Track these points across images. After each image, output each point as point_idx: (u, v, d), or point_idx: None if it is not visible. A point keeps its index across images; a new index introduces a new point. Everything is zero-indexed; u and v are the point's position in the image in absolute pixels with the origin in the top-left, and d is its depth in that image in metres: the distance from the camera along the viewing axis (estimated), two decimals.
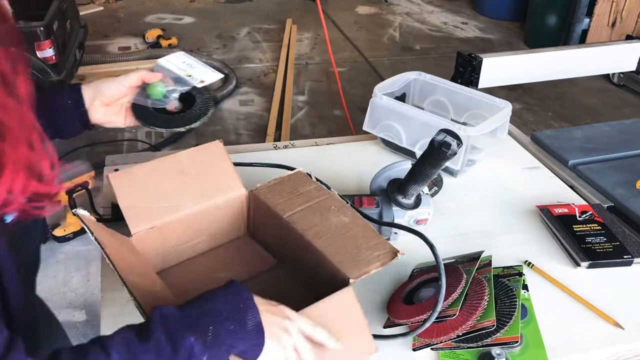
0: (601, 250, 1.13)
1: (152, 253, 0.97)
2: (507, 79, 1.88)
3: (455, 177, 1.40)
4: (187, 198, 0.98)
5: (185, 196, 0.98)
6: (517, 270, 1.04)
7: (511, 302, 0.96)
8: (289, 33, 4.85)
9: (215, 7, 5.57)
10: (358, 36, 4.99)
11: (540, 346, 0.93)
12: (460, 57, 1.79)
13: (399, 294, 1.00)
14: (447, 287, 0.94)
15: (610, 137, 1.67)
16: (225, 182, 1.02)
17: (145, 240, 0.95)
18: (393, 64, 4.47)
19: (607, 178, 1.45)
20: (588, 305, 1.03)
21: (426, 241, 0.97)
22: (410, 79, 1.58)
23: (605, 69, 2.15)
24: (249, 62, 4.41)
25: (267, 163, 1.27)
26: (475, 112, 1.50)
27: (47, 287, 2.28)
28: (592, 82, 4.15)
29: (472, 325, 0.90)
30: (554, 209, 1.24)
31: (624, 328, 0.98)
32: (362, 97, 3.65)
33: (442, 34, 5.10)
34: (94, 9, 5.31)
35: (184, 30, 4.96)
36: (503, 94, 2.68)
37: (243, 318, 0.69)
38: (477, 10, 5.61)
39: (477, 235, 1.20)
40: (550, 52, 1.89)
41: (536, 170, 1.46)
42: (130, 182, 0.96)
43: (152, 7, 5.48)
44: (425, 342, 0.91)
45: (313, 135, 3.47)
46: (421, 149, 1.39)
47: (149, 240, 0.95)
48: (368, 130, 1.49)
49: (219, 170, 1.02)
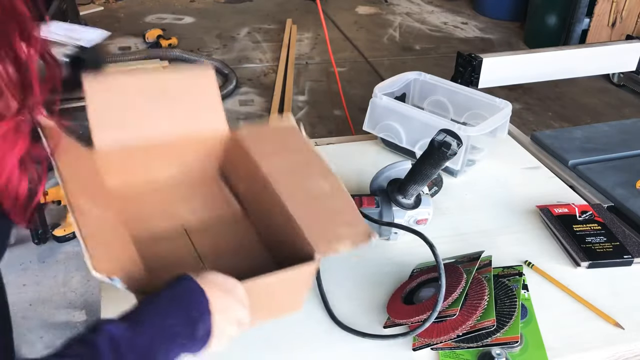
0: (601, 250, 1.13)
1: (115, 178, 0.87)
2: (507, 79, 1.88)
3: (455, 177, 1.40)
4: (163, 121, 0.89)
5: (161, 118, 0.89)
6: (517, 270, 1.04)
7: (511, 302, 0.96)
8: (289, 33, 4.85)
9: (215, 7, 5.57)
10: (358, 36, 4.99)
11: (540, 346, 0.93)
12: (460, 57, 1.79)
13: (399, 294, 1.00)
14: (447, 287, 0.94)
15: (610, 137, 1.67)
16: (208, 114, 0.93)
17: (110, 159, 0.84)
18: (393, 64, 4.47)
19: (607, 178, 1.45)
20: (588, 305, 1.03)
21: (426, 241, 0.97)
22: (410, 79, 1.58)
23: (605, 69, 2.15)
24: (249, 62, 4.41)
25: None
26: (475, 112, 1.50)
27: (47, 287, 2.28)
28: (592, 82, 4.14)
29: (472, 325, 0.90)
30: (554, 208, 1.24)
31: (624, 328, 0.98)
32: (362, 97, 3.65)
33: (442, 34, 5.10)
34: (94, 9, 5.31)
35: (184, 30, 4.95)
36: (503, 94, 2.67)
37: (194, 330, 0.65)
38: (477, 10, 5.61)
39: (477, 235, 1.20)
40: (550, 52, 1.89)
41: (536, 170, 1.46)
42: (106, 89, 0.86)
43: (152, 7, 5.48)
44: (425, 342, 0.91)
45: (313, 135, 3.47)
46: (421, 149, 1.39)
47: (114, 160, 0.85)
48: (368, 130, 1.49)
49: (204, 99, 0.93)
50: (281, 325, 0.96)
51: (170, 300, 0.65)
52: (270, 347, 0.93)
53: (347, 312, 1.00)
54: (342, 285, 1.06)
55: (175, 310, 0.65)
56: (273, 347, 0.93)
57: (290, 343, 0.94)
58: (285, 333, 0.95)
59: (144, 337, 0.62)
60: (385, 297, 1.02)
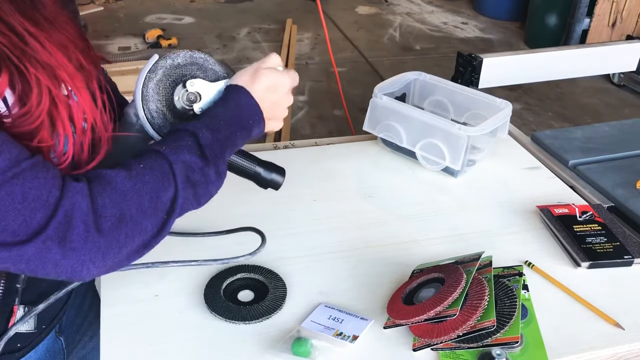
0: (601, 250, 1.13)
1: None
2: (507, 79, 1.88)
3: (455, 177, 1.40)
4: None
5: None
6: (517, 271, 1.04)
7: (511, 302, 0.96)
8: (289, 33, 4.85)
9: (215, 7, 5.57)
10: (358, 36, 4.99)
11: (541, 346, 0.93)
12: (461, 57, 1.79)
13: (399, 294, 1.00)
14: (447, 287, 0.94)
15: (611, 137, 1.67)
16: None
17: None
18: (393, 64, 4.47)
19: (607, 178, 1.45)
20: (588, 305, 1.02)
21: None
22: (411, 79, 1.58)
23: (606, 69, 2.15)
24: (249, 62, 4.39)
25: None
26: (475, 112, 1.50)
27: None
28: (592, 82, 4.14)
29: (472, 325, 0.90)
30: (554, 209, 1.24)
31: (624, 328, 0.98)
32: (362, 97, 3.65)
33: (442, 34, 5.10)
34: (94, 9, 5.31)
35: (184, 30, 4.96)
36: (503, 94, 2.67)
37: (249, 132, 0.84)
38: (477, 10, 5.61)
39: (477, 235, 1.20)
40: (550, 52, 1.89)
41: (536, 170, 1.46)
42: None
43: (152, 7, 5.48)
44: (425, 342, 0.91)
45: (313, 135, 3.47)
46: (421, 149, 1.39)
47: None
48: (368, 130, 1.49)
49: None
50: (279, 325, 0.96)
51: (233, 115, 0.82)
52: (269, 347, 0.93)
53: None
54: (342, 285, 1.06)
55: (237, 125, 0.82)
56: (272, 347, 0.93)
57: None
58: (284, 333, 0.95)
59: (218, 136, 0.79)
60: (385, 298, 1.02)
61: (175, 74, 0.86)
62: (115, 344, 0.91)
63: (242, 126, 0.83)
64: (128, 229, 0.69)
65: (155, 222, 0.72)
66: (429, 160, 1.40)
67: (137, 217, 0.70)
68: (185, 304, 1.00)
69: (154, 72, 0.85)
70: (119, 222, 0.68)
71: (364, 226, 1.22)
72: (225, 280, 1.04)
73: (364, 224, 1.23)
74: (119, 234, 0.68)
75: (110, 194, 0.68)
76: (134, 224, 0.69)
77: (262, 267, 1.07)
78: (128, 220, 0.69)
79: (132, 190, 0.70)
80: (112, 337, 0.92)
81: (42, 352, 0.93)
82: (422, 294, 0.97)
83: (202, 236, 1.13)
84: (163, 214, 0.72)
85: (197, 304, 1.00)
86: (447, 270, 0.99)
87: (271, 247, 1.09)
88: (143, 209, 0.70)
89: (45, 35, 0.67)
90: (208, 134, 0.78)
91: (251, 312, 0.98)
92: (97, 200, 0.67)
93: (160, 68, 0.85)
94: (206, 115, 0.81)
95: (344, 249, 1.15)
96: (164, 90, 0.85)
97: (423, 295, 0.97)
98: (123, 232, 0.68)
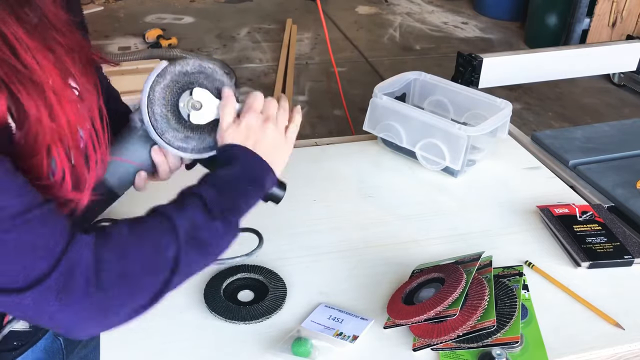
0: (601, 250, 1.13)
1: None
2: (507, 79, 1.88)
3: (456, 177, 1.40)
4: None
5: None
6: (518, 270, 1.04)
7: (511, 302, 0.96)
8: (289, 33, 4.85)
9: (215, 7, 5.57)
10: (358, 36, 4.99)
11: (541, 346, 0.93)
12: (461, 57, 1.79)
13: (399, 294, 1.00)
14: (447, 287, 0.94)
15: (611, 137, 1.67)
16: None
17: None
18: (393, 64, 4.47)
19: (607, 178, 1.45)
20: (588, 305, 1.02)
21: None
22: (411, 79, 1.58)
23: (606, 69, 2.15)
24: (249, 62, 4.41)
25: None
26: (475, 112, 1.50)
27: None
28: (592, 82, 4.14)
29: (472, 325, 0.90)
30: (555, 209, 1.24)
31: (624, 328, 0.98)
32: (362, 97, 3.64)
33: (442, 34, 5.10)
34: (94, 9, 5.31)
35: (184, 30, 4.95)
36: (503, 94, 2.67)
37: (262, 183, 0.83)
38: (477, 10, 5.61)
39: (477, 235, 1.20)
40: (550, 52, 1.89)
41: (536, 170, 1.46)
42: None
43: (152, 7, 5.48)
44: (425, 342, 0.91)
45: (313, 135, 3.47)
46: (421, 149, 1.39)
47: None
48: (368, 130, 1.49)
49: None
50: (279, 325, 0.96)
51: (241, 174, 0.81)
52: (269, 347, 0.93)
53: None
54: (342, 285, 1.06)
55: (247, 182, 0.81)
56: (272, 347, 0.93)
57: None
58: (283, 334, 0.95)
59: (224, 191, 0.78)
60: (385, 298, 1.02)
61: (183, 81, 0.87)
62: (115, 344, 0.91)
63: (251, 179, 0.82)
64: (128, 287, 0.67)
65: (157, 281, 0.69)
66: (429, 160, 1.40)
67: (138, 274, 0.67)
68: (185, 304, 1.00)
69: (163, 76, 0.86)
70: (120, 278, 0.66)
71: (364, 226, 1.22)
72: (225, 280, 1.04)
73: (364, 224, 1.23)
74: (119, 292, 0.66)
75: (113, 249, 0.66)
76: (135, 281, 0.67)
77: (262, 267, 1.07)
78: (129, 277, 0.67)
79: (134, 247, 0.68)
80: (112, 337, 0.92)
81: (40, 351, 0.93)
82: (422, 294, 0.97)
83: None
84: (165, 273, 0.70)
85: (197, 304, 1.00)
86: (447, 270, 0.99)
87: (271, 247, 1.09)
88: (144, 266, 0.68)
89: (40, 49, 0.63)
90: (212, 191, 0.76)
91: (251, 312, 0.98)
92: (100, 255, 0.65)
93: (169, 73, 0.86)
94: (209, 178, 0.80)
95: (344, 249, 1.15)
96: (170, 95, 0.86)
97: (423, 295, 0.97)
98: (124, 289, 0.66)
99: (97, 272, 0.64)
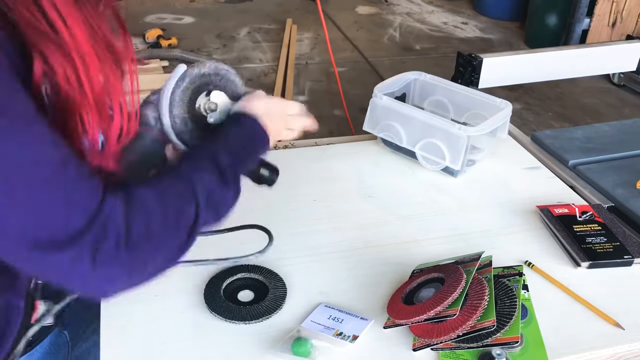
0: (601, 250, 1.13)
1: None
2: (507, 79, 1.88)
3: (455, 177, 1.40)
4: None
5: None
6: (517, 270, 1.04)
7: (511, 302, 0.96)
8: (289, 33, 4.85)
9: (215, 7, 5.57)
10: (358, 36, 4.99)
11: (541, 346, 0.93)
12: (461, 57, 1.79)
13: (399, 294, 1.00)
14: (447, 287, 0.94)
15: (611, 137, 1.67)
16: None
17: None
18: (393, 64, 4.47)
19: (607, 178, 1.45)
20: (588, 305, 1.02)
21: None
22: (411, 79, 1.58)
23: (606, 69, 2.15)
24: (249, 62, 4.41)
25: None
26: (475, 112, 1.50)
27: None
28: (592, 82, 4.14)
29: (472, 325, 0.90)
30: (554, 209, 1.24)
31: (624, 328, 0.98)
32: (362, 97, 3.64)
33: (442, 34, 5.10)
34: None
35: (184, 30, 4.95)
36: (503, 94, 2.66)
37: (258, 155, 0.93)
38: (477, 10, 5.60)
39: (477, 235, 1.20)
40: (550, 52, 1.89)
41: (536, 170, 1.46)
42: None
43: (152, 7, 5.48)
44: (425, 342, 0.91)
45: (313, 135, 3.47)
46: (421, 149, 1.39)
47: None
48: (368, 130, 1.49)
49: None
50: (279, 325, 0.96)
51: (243, 140, 0.88)
52: (269, 347, 0.93)
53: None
54: (342, 285, 1.06)
55: (251, 149, 0.90)
56: (272, 347, 0.93)
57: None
58: (282, 334, 0.95)
59: (235, 160, 0.84)
60: (385, 298, 1.02)
61: (200, 82, 0.91)
62: (115, 344, 0.91)
63: (254, 150, 0.90)
64: (153, 246, 0.69)
65: (178, 240, 0.73)
66: (429, 160, 1.40)
67: (162, 233, 0.71)
68: (185, 304, 1.00)
69: (183, 80, 0.89)
70: (145, 238, 0.68)
71: (364, 226, 1.22)
72: (225, 280, 1.04)
73: (364, 224, 1.23)
74: (144, 251, 0.68)
75: (139, 209, 0.69)
76: (159, 240, 0.70)
77: (262, 267, 1.07)
78: (154, 236, 0.69)
79: (158, 207, 0.71)
80: (112, 337, 0.92)
81: (47, 346, 0.94)
82: (422, 294, 0.97)
83: (203, 235, 1.13)
84: (186, 232, 0.73)
85: (197, 304, 1.00)
86: (447, 270, 1.00)
87: (271, 247, 1.09)
88: (167, 226, 0.71)
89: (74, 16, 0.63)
90: (227, 158, 0.81)
91: (251, 312, 0.98)
92: (129, 216, 0.67)
93: (188, 76, 0.89)
94: (223, 139, 0.85)
95: (344, 249, 1.15)
96: (187, 97, 0.89)
97: (423, 295, 0.97)
98: (149, 248, 0.69)
99: (126, 232, 0.66)
